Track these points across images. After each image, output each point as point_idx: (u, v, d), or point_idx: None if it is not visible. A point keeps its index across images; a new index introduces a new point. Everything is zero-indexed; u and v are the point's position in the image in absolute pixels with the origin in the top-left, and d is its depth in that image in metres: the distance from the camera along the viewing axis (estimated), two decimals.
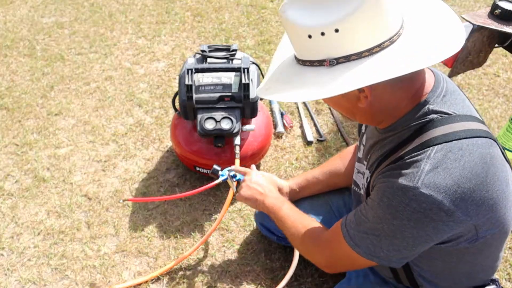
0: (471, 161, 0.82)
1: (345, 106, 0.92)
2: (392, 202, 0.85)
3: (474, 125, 0.87)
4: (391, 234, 0.88)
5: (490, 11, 1.47)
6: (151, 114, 2.10)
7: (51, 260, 1.53)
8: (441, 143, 0.83)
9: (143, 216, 1.67)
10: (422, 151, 0.84)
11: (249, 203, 1.29)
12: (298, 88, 0.83)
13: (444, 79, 0.93)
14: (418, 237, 0.86)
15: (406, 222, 0.84)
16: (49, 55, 2.47)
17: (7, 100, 2.18)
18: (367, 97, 0.85)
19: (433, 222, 0.83)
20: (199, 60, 1.64)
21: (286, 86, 0.86)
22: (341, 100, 0.90)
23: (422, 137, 0.86)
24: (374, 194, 0.91)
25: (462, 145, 0.83)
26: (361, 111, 0.91)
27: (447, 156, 0.82)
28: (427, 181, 0.80)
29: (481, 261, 1.00)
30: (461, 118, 0.87)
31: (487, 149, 0.85)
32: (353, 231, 0.95)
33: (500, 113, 2.12)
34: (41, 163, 1.86)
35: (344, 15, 0.74)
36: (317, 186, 1.39)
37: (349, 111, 0.94)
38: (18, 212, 1.68)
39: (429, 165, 0.82)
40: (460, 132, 0.84)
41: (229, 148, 1.62)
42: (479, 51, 1.53)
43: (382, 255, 0.91)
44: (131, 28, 2.70)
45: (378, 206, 0.88)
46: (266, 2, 2.93)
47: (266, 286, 1.46)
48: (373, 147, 1.01)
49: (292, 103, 2.16)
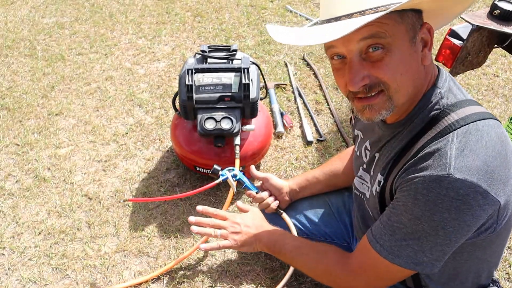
0: (491, 140, 0.82)
1: (411, 64, 0.83)
2: (429, 196, 0.81)
3: (480, 108, 0.88)
4: (433, 232, 0.84)
5: (489, 11, 1.47)
6: (152, 114, 2.11)
7: (51, 259, 1.53)
8: (459, 127, 0.83)
9: (144, 216, 1.67)
10: (442, 138, 0.83)
11: (246, 249, 1.22)
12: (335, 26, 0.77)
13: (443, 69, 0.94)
14: (459, 229, 0.83)
15: (447, 215, 0.81)
16: (50, 55, 2.48)
17: (8, 100, 2.18)
18: (429, 49, 0.85)
19: (471, 209, 0.81)
20: (199, 60, 1.65)
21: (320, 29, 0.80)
22: (410, 58, 0.83)
23: (438, 126, 0.86)
24: (403, 196, 0.86)
25: (478, 126, 0.83)
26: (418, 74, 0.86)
27: (469, 139, 0.82)
28: (458, 166, 0.79)
29: (488, 256, 0.99)
30: (469, 102, 0.88)
31: (499, 129, 0.86)
32: (389, 243, 0.89)
33: (500, 113, 2.13)
34: (41, 163, 1.87)
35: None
36: (317, 186, 1.39)
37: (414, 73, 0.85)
38: (19, 212, 1.69)
39: (455, 150, 0.81)
40: (472, 115, 0.85)
41: (229, 148, 1.62)
42: (478, 51, 1.53)
43: (426, 259, 0.87)
44: (131, 28, 2.70)
45: (414, 206, 0.84)
46: (266, 2, 2.93)
47: (266, 286, 1.46)
48: (384, 146, 0.98)
49: (292, 103, 2.17)
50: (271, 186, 1.38)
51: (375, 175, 1.01)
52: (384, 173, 0.96)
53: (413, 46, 0.83)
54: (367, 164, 1.07)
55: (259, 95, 1.63)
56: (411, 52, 0.83)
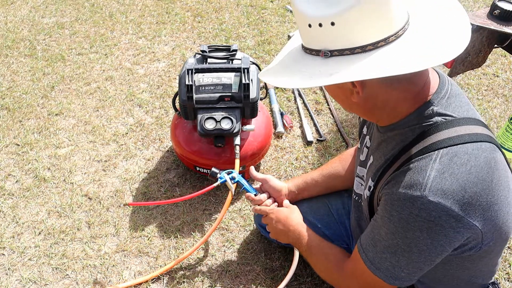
0: (477, 165, 0.81)
1: (341, 98, 0.93)
2: (402, 214, 0.83)
3: (478, 129, 0.86)
4: (407, 249, 0.85)
5: (489, 11, 1.47)
6: (152, 114, 2.11)
7: (51, 259, 1.53)
8: (446, 147, 0.82)
9: (144, 216, 1.67)
10: (426, 154, 0.83)
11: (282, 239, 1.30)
12: (290, 75, 0.85)
13: (449, 81, 0.92)
14: (433, 249, 0.84)
15: (419, 234, 0.82)
16: (50, 56, 2.48)
17: (8, 100, 2.18)
18: (359, 93, 0.86)
19: (444, 230, 0.81)
20: (199, 60, 1.65)
21: (283, 70, 0.88)
22: (338, 92, 0.91)
23: (426, 141, 0.85)
24: (382, 208, 0.89)
25: (467, 149, 0.82)
26: (355, 105, 0.91)
27: (453, 161, 0.81)
28: (434, 188, 0.79)
29: (481, 267, 0.98)
30: (466, 121, 0.86)
31: (491, 154, 0.84)
32: (372, 254, 0.92)
33: (499, 113, 2.13)
34: (41, 163, 1.87)
35: (341, 9, 0.75)
36: (316, 188, 1.39)
37: (345, 103, 0.94)
38: (19, 212, 1.69)
39: (435, 170, 0.80)
40: (465, 136, 0.83)
41: (229, 148, 1.62)
42: (478, 51, 1.53)
43: (403, 274, 0.89)
44: (131, 28, 2.70)
45: (389, 221, 0.86)
46: (266, 2, 2.93)
47: (266, 285, 1.46)
48: (377, 148, 0.99)
49: (292, 103, 2.17)
50: (270, 188, 1.38)
51: (367, 179, 1.02)
52: (374, 179, 0.97)
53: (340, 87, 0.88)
54: (364, 162, 1.08)
55: (259, 95, 1.63)
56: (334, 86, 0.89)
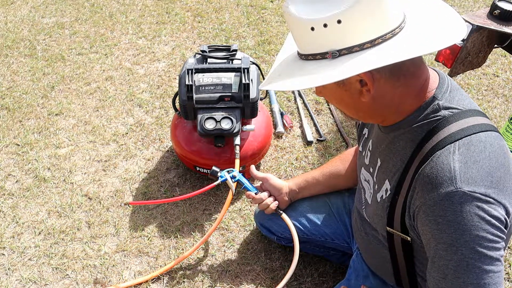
0: (494, 151, 0.82)
1: (347, 101, 0.91)
2: (447, 217, 0.79)
3: (484, 120, 0.88)
4: (475, 255, 0.79)
5: (489, 11, 1.47)
6: (152, 114, 2.11)
7: (51, 259, 1.53)
8: (461, 138, 0.83)
9: (144, 215, 1.67)
10: (442, 149, 0.83)
11: None
12: (298, 76, 0.84)
13: (447, 77, 0.93)
14: (494, 240, 0.79)
15: (473, 229, 0.78)
16: (50, 55, 2.48)
17: (8, 100, 2.18)
18: (369, 91, 0.85)
19: (489, 213, 0.78)
20: (199, 60, 1.65)
21: (286, 78, 0.87)
22: (344, 96, 0.89)
23: (439, 135, 0.85)
24: (426, 226, 0.84)
25: (481, 137, 0.83)
26: (365, 107, 0.89)
27: (471, 150, 0.81)
28: (464, 178, 0.78)
29: None
30: (472, 113, 0.87)
31: (502, 141, 0.86)
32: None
33: (499, 113, 2.13)
34: (41, 163, 1.87)
35: (347, 6, 0.75)
36: (316, 187, 1.39)
37: (351, 107, 0.92)
38: (19, 211, 1.69)
39: (458, 162, 0.80)
40: (475, 126, 0.85)
41: (229, 148, 1.62)
42: (478, 51, 1.53)
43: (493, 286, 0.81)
44: (131, 28, 2.70)
45: (440, 232, 0.81)
46: (266, 2, 2.93)
47: (266, 285, 1.46)
48: (385, 150, 0.98)
49: (292, 103, 2.17)
50: (271, 187, 1.38)
51: (381, 182, 0.99)
52: (392, 181, 0.95)
53: (342, 86, 0.87)
54: (369, 166, 1.07)
55: (259, 95, 1.63)
56: (340, 89, 0.88)
